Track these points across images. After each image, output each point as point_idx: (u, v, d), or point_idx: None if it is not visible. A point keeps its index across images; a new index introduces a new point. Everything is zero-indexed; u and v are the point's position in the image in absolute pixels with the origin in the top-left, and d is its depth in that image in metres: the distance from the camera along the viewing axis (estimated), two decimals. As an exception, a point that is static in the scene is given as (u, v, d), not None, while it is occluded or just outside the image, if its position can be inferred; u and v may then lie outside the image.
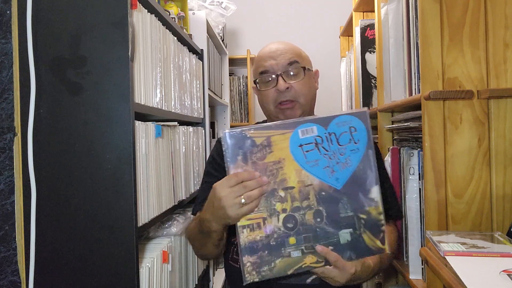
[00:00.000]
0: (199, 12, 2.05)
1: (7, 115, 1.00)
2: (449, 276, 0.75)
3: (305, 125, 0.90)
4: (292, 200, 0.90)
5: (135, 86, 1.03)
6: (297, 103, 1.19)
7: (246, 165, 0.89)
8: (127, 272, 0.97)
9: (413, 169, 1.20)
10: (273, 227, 0.90)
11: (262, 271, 0.90)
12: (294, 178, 0.90)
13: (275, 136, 0.90)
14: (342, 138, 0.91)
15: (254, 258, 0.90)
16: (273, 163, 0.90)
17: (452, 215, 1.05)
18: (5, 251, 0.99)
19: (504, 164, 1.04)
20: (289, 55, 1.19)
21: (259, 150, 0.89)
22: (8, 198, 0.99)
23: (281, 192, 0.90)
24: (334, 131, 0.91)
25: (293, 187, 0.90)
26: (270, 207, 0.90)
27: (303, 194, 0.90)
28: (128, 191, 0.97)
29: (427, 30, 1.05)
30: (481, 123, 1.04)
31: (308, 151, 0.90)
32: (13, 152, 1.00)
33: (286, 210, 0.90)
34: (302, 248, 0.91)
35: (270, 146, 0.89)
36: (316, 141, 0.91)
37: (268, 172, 0.90)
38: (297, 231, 0.90)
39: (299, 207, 0.91)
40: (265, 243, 0.90)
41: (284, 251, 0.90)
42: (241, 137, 0.89)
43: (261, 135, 0.89)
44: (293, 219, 0.90)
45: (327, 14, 3.32)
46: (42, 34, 0.99)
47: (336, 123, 0.92)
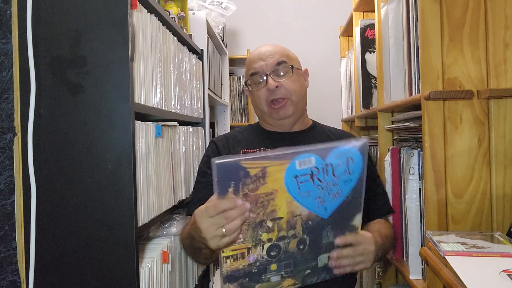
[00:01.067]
0: (199, 12, 2.05)
1: (7, 115, 1.00)
2: (449, 276, 0.75)
3: (304, 156, 0.85)
4: (279, 230, 0.87)
5: (135, 86, 1.03)
6: (289, 100, 1.23)
7: (237, 196, 0.83)
8: (127, 272, 0.97)
9: (413, 169, 1.20)
10: (256, 256, 0.88)
11: None
12: (284, 209, 0.87)
13: (272, 167, 0.83)
14: (338, 170, 0.88)
15: (234, 285, 0.89)
16: (265, 194, 0.84)
17: (452, 215, 1.05)
18: (5, 251, 0.99)
19: (504, 164, 1.04)
20: (277, 56, 1.24)
21: (252, 181, 0.83)
22: (8, 198, 0.99)
23: (269, 223, 0.87)
24: (331, 162, 0.87)
25: (282, 217, 0.87)
26: (256, 238, 0.87)
27: (290, 224, 0.88)
28: (128, 191, 0.97)
29: (427, 30, 1.05)
30: (481, 123, 1.04)
31: (302, 183, 0.86)
32: (13, 152, 1.00)
33: (271, 240, 0.88)
34: (282, 273, 0.90)
35: (265, 178, 0.83)
36: (312, 172, 0.86)
37: (258, 203, 0.85)
38: (279, 258, 0.89)
39: (285, 236, 0.88)
40: (247, 271, 0.88)
41: (264, 277, 0.89)
42: (234, 167, 0.81)
43: (257, 166, 0.83)
44: (277, 248, 0.89)
45: (327, 14, 3.32)
46: (42, 34, 0.99)
47: (335, 154, 0.88)
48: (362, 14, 2.16)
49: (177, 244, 1.36)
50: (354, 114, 2.23)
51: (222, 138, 1.33)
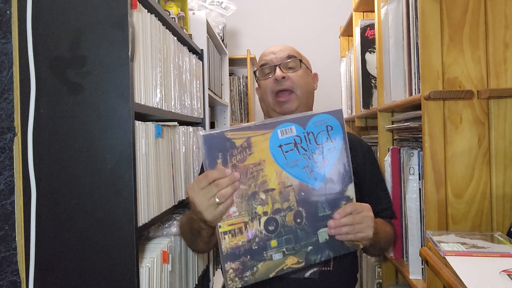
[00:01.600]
0: (199, 12, 2.05)
1: (7, 115, 1.00)
2: (449, 276, 0.75)
3: (284, 125, 0.88)
4: (273, 202, 0.88)
5: (135, 86, 1.03)
6: (294, 94, 1.25)
7: (226, 168, 0.85)
8: (127, 272, 0.97)
9: (413, 169, 1.20)
10: (254, 231, 0.88)
11: (245, 276, 0.87)
12: (275, 179, 0.88)
13: (255, 137, 0.86)
14: (319, 137, 0.90)
15: (236, 264, 0.87)
16: (253, 165, 0.86)
17: (452, 215, 1.05)
18: (5, 251, 0.99)
19: (504, 164, 1.04)
20: (288, 51, 1.29)
21: (239, 152, 0.85)
22: (8, 198, 0.99)
23: (262, 195, 0.87)
24: (312, 131, 0.90)
25: (274, 189, 0.88)
26: (252, 211, 0.87)
27: (283, 196, 0.88)
28: (128, 191, 0.97)
29: (427, 30, 1.05)
30: (481, 123, 1.04)
31: (288, 152, 0.88)
32: (13, 152, 1.00)
33: (267, 213, 0.88)
34: (284, 250, 0.89)
35: (251, 148, 0.86)
36: (295, 141, 0.89)
37: (249, 174, 0.86)
38: (279, 233, 0.89)
39: (280, 209, 0.89)
40: (247, 248, 0.87)
41: (266, 254, 0.88)
42: (220, 138, 0.84)
43: (241, 136, 0.86)
44: (274, 222, 0.88)
45: (327, 14, 3.32)
46: (42, 34, 0.99)
47: (313, 123, 0.90)
48: (362, 14, 2.16)
49: (177, 244, 1.36)
50: (354, 114, 2.23)
51: None
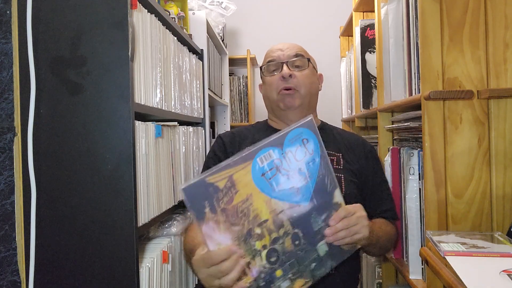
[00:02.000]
0: (199, 12, 2.05)
1: (7, 115, 1.00)
2: (449, 276, 0.75)
3: (262, 151, 0.85)
4: (269, 233, 0.86)
5: (135, 86, 1.03)
6: (297, 92, 1.24)
7: (216, 215, 0.81)
8: (127, 272, 0.97)
9: (413, 169, 1.20)
10: (258, 267, 0.85)
11: None
12: (266, 210, 0.85)
13: (237, 173, 0.82)
14: (298, 153, 0.88)
15: None
16: (242, 202, 0.83)
17: (452, 215, 1.05)
18: (5, 251, 0.99)
19: (504, 164, 1.04)
20: (296, 49, 1.28)
21: (224, 194, 0.81)
22: (8, 198, 0.99)
23: (257, 230, 0.85)
24: (290, 149, 0.88)
25: (267, 219, 0.86)
26: (251, 249, 0.84)
27: (277, 224, 0.86)
28: (128, 191, 0.97)
29: (427, 30, 1.05)
30: (481, 123, 1.04)
31: (271, 178, 0.86)
32: (13, 152, 1.00)
33: (266, 246, 0.86)
34: (290, 276, 0.88)
35: (235, 186, 0.82)
36: (276, 164, 0.86)
37: (239, 213, 0.83)
38: (281, 261, 0.87)
39: (278, 237, 0.87)
40: (255, 287, 0.85)
41: (274, 286, 0.87)
42: (202, 187, 0.80)
43: (222, 177, 0.81)
44: (275, 252, 0.87)
45: (327, 14, 3.32)
46: (42, 34, 0.99)
47: (289, 140, 0.88)
48: (362, 14, 2.16)
49: (177, 244, 1.36)
50: (354, 114, 2.23)
51: (229, 134, 1.33)
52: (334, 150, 1.23)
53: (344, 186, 1.17)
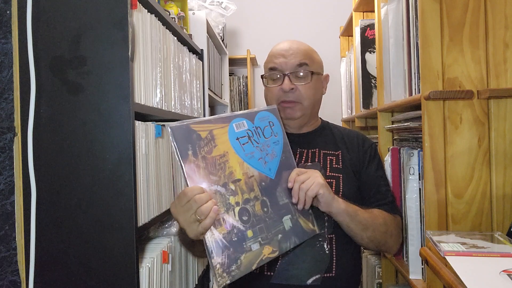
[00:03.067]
0: (199, 12, 2.05)
1: (7, 115, 1.00)
2: (449, 276, 0.75)
3: (237, 120, 0.97)
4: (242, 193, 0.93)
5: (135, 86, 1.03)
6: (299, 105, 1.19)
7: (197, 159, 0.88)
8: (127, 272, 0.97)
9: (413, 169, 1.19)
10: (232, 221, 0.90)
11: (232, 270, 0.88)
12: (239, 170, 0.94)
13: (216, 130, 0.93)
14: (266, 132, 1.01)
15: (222, 258, 0.88)
16: (219, 156, 0.91)
17: (452, 215, 1.05)
18: (5, 251, 0.99)
19: (504, 164, 1.04)
20: (300, 56, 1.19)
21: (205, 144, 0.90)
22: (8, 198, 0.99)
23: (232, 185, 0.92)
24: (259, 125, 1.00)
25: (240, 179, 0.93)
26: (225, 202, 0.90)
27: (248, 186, 0.94)
28: (128, 191, 0.97)
29: (427, 30, 1.05)
30: (481, 123, 1.04)
31: (244, 144, 0.96)
32: (13, 152, 1.00)
33: (239, 203, 0.92)
34: (259, 240, 0.93)
35: (214, 140, 0.92)
36: (248, 134, 0.97)
37: (217, 166, 0.91)
38: (252, 223, 0.93)
39: (248, 199, 0.94)
40: (228, 240, 0.89)
41: (245, 245, 0.90)
42: (187, 131, 0.88)
43: (205, 129, 0.91)
44: (247, 212, 0.93)
45: (327, 14, 3.32)
46: (42, 34, 0.99)
47: (259, 118, 1.01)
48: (362, 14, 2.16)
49: (177, 244, 1.36)
50: (354, 114, 2.23)
51: None
52: (333, 149, 1.21)
53: (342, 186, 1.15)
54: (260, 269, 1.08)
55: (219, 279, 0.87)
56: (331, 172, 1.15)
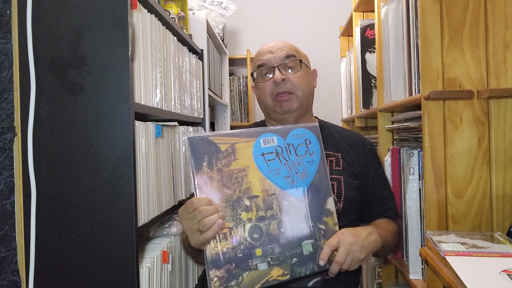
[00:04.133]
0: (199, 12, 2.05)
1: (7, 115, 1.00)
2: (449, 276, 0.75)
3: (266, 135, 0.93)
4: (257, 210, 0.90)
5: (135, 86, 1.03)
6: (294, 95, 1.20)
7: (212, 171, 0.87)
8: (127, 272, 0.97)
9: (413, 169, 1.20)
10: (239, 237, 0.88)
11: (230, 286, 0.86)
12: (258, 186, 0.90)
13: (239, 144, 0.90)
14: (299, 150, 0.96)
15: (221, 272, 0.85)
16: (238, 170, 0.89)
17: (452, 215, 1.05)
18: (5, 251, 0.99)
19: (504, 164, 1.04)
20: (286, 49, 1.22)
21: (224, 156, 0.89)
22: (8, 198, 0.99)
23: (246, 201, 0.89)
24: (292, 142, 0.95)
25: (258, 196, 0.90)
26: (236, 217, 0.88)
27: (267, 204, 0.90)
28: (128, 191, 0.97)
29: (427, 30, 1.05)
30: (481, 123, 1.04)
31: (270, 160, 0.92)
32: (13, 152, 1.00)
33: (251, 220, 0.89)
34: (269, 260, 0.89)
35: (235, 153, 0.89)
36: (277, 151, 0.93)
37: (233, 179, 0.89)
38: (263, 242, 0.89)
39: (264, 217, 0.90)
40: (232, 255, 0.87)
41: (251, 263, 0.88)
42: (205, 142, 0.88)
43: (226, 142, 0.89)
44: (259, 230, 0.89)
45: (327, 14, 3.32)
46: (42, 34, 0.99)
47: (293, 135, 0.96)
48: (362, 14, 2.16)
49: (177, 244, 1.36)
50: (354, 114, 2.23)
51: None
52: (333, 150, 1.21)
53: (343, 189, 1.16)
54: None
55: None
56: (332, 174, 1.15)
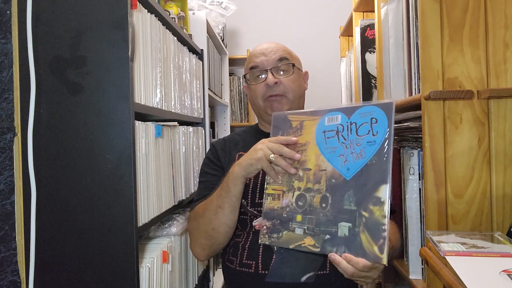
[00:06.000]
0: (199, 12, 2.06)
1: (7, 115, 1.00)
2: (449, 276, 0.75)
3: (332, 113, 0.97)
4: (307, 181, 0.97)
5: (135, 86, 1.03)
6: (285, 98, 1.23)
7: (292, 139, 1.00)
8: (127, 272, 0.97)
9: (413, 169, 1.20)
10: (287, 201, 0.98)
11: (272, 237, 0.98)
12: (313, 161, 0.97)
13: (307, 121, 0.99)
14: (361, 129, 0.92)
15: (269, 223, 0.99)
16: (300, 144, 0.99)
17: (452, 215, 1.05)
18: (5, 251, 0.99)
19: (504, 164, 1.04)
20: (279, 52, 1.24)
21: (293, 131, 1.01)
22: (8, 198, 0.99)
23: (300, 172, 0.98)
24: (355, 121, 0.93)
25: (310, 169, 0.97)
26: (290, 183, 0.99)
27: (316, 178, 0.96)
28: (128, 191, 0.97)
29: (427, 30, 1.05)
30: (481, 123, 1.04)
31: (329, 138, 0.96)
32: (13, 152, 1.00)
33: (300, 189, 0.97)
34: (305, 228, 0.95)
35: (302, 130, 0.99)
36: (338, 129, 0.95)
37: (295, 151, 0.98)
38: (305, 210, 0.96)
39: (311, 188, 0.96)
40: (279, 213, 0.98)
41: (291, 225, 0.97)
42: (283, 118, 1.03)
43: (297, 119, 1.01)
44: (304, 198, 0.96)
45: (327, 14, 3.32)
46: (42, 34, 0.99)
47: (359, 113, 0.93)
48: (362, 14, 2.16)
49: (177, 244, 1.36)
50: (354, 114, 2.22)
51: (220, 141, 1.35)
52: None
53: None
54: (255, 268, 1.11)
55: (262, 237, 1.00)
56: None
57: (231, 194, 1.07)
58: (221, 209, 1.10)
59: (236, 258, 1.16)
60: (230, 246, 1.19)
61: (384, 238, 0.85)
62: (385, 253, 0.84)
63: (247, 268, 1.13)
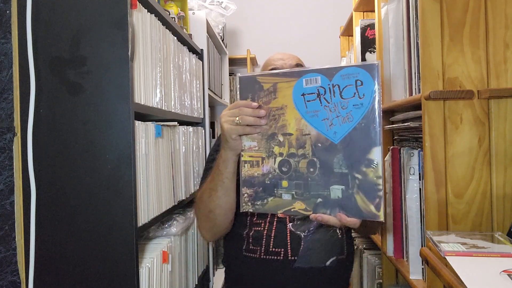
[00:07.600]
0: (199, 12, 2.05)
1: (7, 115, 1.00)
2: (449, 276, 0.75)
3: (310, 75, 0.92)
4: (289, 146, 0.95)
5: (135, 86, 1.03)
6: None
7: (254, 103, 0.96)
8: (127, 272, 0.97)
9: (413, 169, 1.19)
10: (269, 167, 0.96)
11: (256, 204, 0.97)
12: (294, 125, 0.94)
13: (281, 83, 0.94)
14: (345, 91, 0.88)
15: (250, 191, 0.98)
16: (276, 108, 0.95)
17: (452, 215, 1.05)
18: (5, 251, 0.99)
19: (504, 164, 1.04)
20: (295, 59, 1.37)
21: (265, 94, 0.96)
22: (8, 198, 0.99)
23: (280, 137, 0.95)
24: (338, 83, 0.89)
25: (292, 134, 0.94)
26: (269, 149, 0.96)
27: (299, 142, 0.94)
28: (128, 191, 0.97)
29: (427, 30, 1.05)
30: (481, 123, 1.04)
31: (310, 101, 0.92)
32: (13, 152, 1.00)
33: (282, 154, 0.95)
34: (293, 193, 0.94)
35: (276, 92, 0.95)
36: (319, 91, 0.91)
37: (271, 116, 0.95)
38: (290, 176, 0.94)
39: (295, 153, 0.94)
40: (261, 181, 0.97)
41: (276, 191, 0.96)
42: (251, 80, 0.97)
43: (269, 81, 0.95)
44: (288, 164, 0.95)
45: (327, 14, 3.32)
46: (42, 34, 0.99)
47: (341, 75, 0.89)
48: (362, 14, 2.16)
49: (177, 244, 1.36)
50: (354, 114, 2.22)
51: None
52: None
53: None
54: (284, 255, 1.16)
55: (243, 205, 0.99)
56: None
57: (223, 176, 1.08)
58: (214, 192, 1.12)
59: (260, 247, 1.18)
60: (249, 236, 1.19)
61: (380, 198, 0.87)
62: (381, 210, 0.87)
63: (275, 256, 1.16)
